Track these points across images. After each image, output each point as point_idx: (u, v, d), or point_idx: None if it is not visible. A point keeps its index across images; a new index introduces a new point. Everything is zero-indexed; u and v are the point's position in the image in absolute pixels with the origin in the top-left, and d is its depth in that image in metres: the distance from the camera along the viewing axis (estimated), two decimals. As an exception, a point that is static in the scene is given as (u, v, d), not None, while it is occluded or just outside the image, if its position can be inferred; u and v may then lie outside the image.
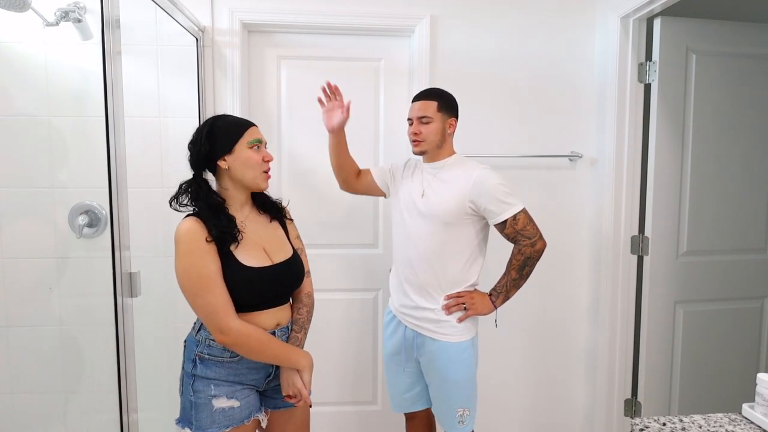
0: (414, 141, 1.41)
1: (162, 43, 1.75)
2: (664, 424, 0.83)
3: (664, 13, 1.71)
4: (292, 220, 1.31)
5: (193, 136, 1.13)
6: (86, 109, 1.67)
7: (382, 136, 1.92)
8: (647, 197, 1.82)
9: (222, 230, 1.07)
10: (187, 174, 1.65)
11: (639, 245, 1.86)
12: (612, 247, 1.86)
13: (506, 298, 1.41)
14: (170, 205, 1.12)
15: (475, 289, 1.42)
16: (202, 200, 1.09)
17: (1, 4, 1.41)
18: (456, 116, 1.44)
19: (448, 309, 1.37)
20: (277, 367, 1.17)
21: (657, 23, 1.74)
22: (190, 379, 1.10)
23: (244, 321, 1.09)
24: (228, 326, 1.04)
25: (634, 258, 1.88)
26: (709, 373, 1.91)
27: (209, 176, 1.16)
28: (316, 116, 1.88)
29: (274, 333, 1.16)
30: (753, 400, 0.87)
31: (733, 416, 0.87)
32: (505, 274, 1.40)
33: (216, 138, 1.10)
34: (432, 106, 1.38)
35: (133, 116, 1.21)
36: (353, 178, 1.56)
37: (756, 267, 1.92)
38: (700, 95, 1.79)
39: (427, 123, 1.38)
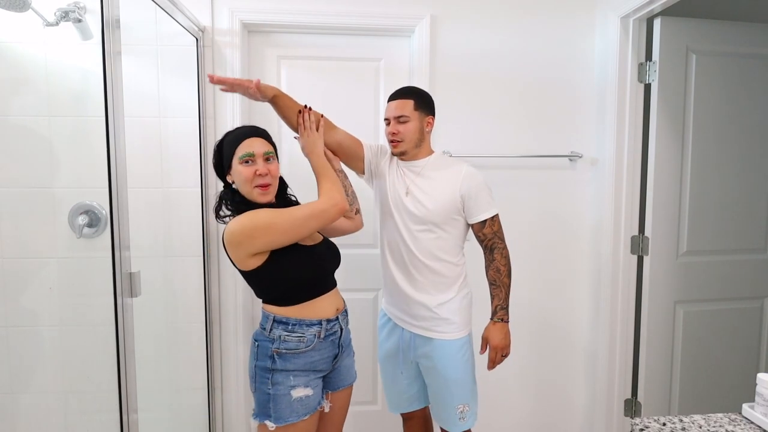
0: (392, 141, 1.39)
1: (162, 43, 1.74)
2: (664, 424, 0.83)
3: (664, 13, 1.71)
4: None
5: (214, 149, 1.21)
6: (86, 109, 1.67)
7: (382, 136, 1.91)
8: (647, 197, 1.82)
9: None
10: (186, 174, 1.68)
11: (639, 245, 1.86)
12: (612, 247, 1.86)
13: (508, 306, 1.40)
14: (216, 217, 1.21)
15: (487, 330, 1.40)
16: (236, 205, 1.17)
17: (1, 4, 1.40)
18: (433, 114, 1.43)
19: (494, 366, 1.40)
20: (341, 347, 1.27)
21: (657, 23, 1.74)
22: (268, 374, 1.16)
23: (308, 310, 1.19)
24: (331, 201, 1.17)
25: (634, 258, 1.88)
26: (709, 373, 1.91)
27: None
28: (316, 116, 1.89)
29: (336, 319, 1.25)
30: (753, 400, 0.87)
31: (733, 416, 0.87)
32: (498, 287, 1.38)
33: (222, 154, 1.18)
34: (408, 104, 1.37)
35: (133, 116, 1.20)
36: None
37: (756, 267, 1.92)
38: (700, 95, 1.79)
39: (405, 122, 1.37)
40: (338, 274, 1.94)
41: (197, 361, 1.80)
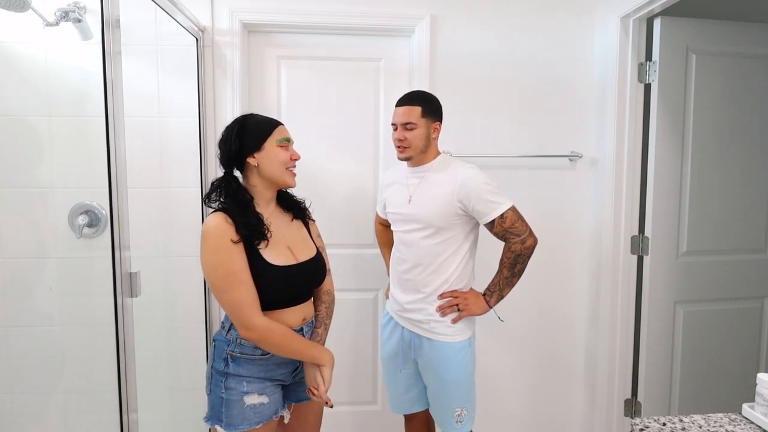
0: (399, 147, 1.40)
1: (162, 43, 1.74)
2: (664, 424, 0.83)
3: (664, 13, 1.71)
4: (314, 220, 1.35)
5: (223, 135, 1.17)
6: (86, 109, 1.67)
7: (382, 136, 1.92)
8: (647, 197, 1.81)
9: (251, 229, 1.10)
10: (186, 174, 1.66)
11: (639, 245, 1.86)
12: (612, 247, 1.86)
13: (500, 297, 1.39)
14: (204, 203, 1.18)
15: (471, 289, 1.42)
16: (231, 197, 1.13)
17: (1, 4, 1.41)
18: (440, 119, 1.43)
19: (442, 311, 1.37)
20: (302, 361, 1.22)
21: (657, 23, 1.74)
22: (221, 377, 1.13)
23: (272, 318, 1.12)
24: (252, 323, 1.07)
25: (634, 258, 1.88)
26: (709, 373, 1.91)
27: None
28: (316, 116, 1.89)
29: (301, 329, 1.20)
30: (753, 400, 0.87)
31: (733, 416, 0.87)
32: (497, 272, 1.39)
33: (246, 136, 1.15)
34: (416, 111, 1.36)
35: (133, 116, 1.21)
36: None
37: (756, 267, 1.92)
38: (700, 95, 1.79)
39: (412, 129, 1.36)
40: (338, 274, 1.95)
41: (197, 361, 1.80)
